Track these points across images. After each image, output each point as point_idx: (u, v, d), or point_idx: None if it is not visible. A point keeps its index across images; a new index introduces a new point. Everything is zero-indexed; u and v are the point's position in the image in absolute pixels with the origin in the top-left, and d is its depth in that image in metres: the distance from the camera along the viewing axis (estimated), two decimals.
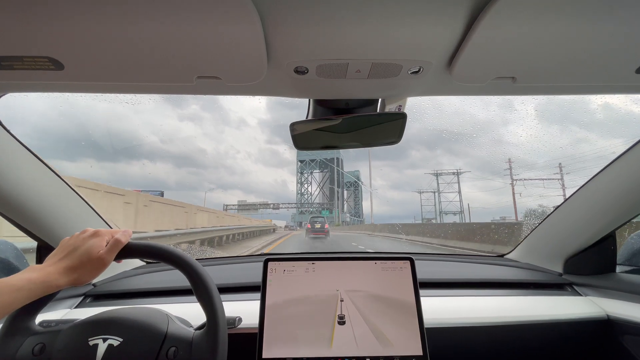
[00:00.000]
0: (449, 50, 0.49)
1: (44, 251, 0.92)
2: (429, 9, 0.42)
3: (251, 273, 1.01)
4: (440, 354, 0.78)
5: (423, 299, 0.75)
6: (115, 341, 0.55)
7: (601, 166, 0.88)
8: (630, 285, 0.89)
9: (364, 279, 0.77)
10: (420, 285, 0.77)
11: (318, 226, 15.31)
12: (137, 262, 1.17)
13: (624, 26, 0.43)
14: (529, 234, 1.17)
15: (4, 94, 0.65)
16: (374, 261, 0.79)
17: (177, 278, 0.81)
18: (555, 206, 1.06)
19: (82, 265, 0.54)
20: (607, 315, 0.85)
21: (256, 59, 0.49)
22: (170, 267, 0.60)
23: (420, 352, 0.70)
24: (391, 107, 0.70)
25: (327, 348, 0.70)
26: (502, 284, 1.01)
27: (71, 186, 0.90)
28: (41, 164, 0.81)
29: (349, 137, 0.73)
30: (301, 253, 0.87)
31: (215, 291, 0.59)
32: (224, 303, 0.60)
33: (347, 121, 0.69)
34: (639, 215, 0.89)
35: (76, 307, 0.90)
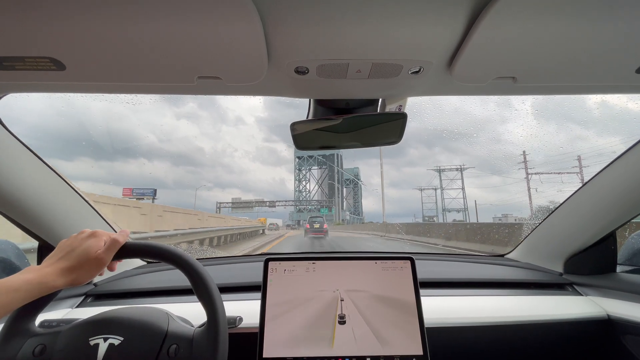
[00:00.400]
0: (449, 50, 0.49)
1: (45, 251, 0.92)
2: (429, 9, 0.42)
3: (252, 273, 1.01)
4: (440, 354, 0.78)
5: (423, 299, 0.75)
6: (116, 340, 0.55)
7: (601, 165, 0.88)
8: (631, 285, 0.89)
9: (364, 279, 0.77)
10: (421, 285, 0.77)
11: (317, 226, 15.46)
12: (137, 262, 1.17)
13: (624, 26, 0.43)
14: (529, 234, 1.17)
15: (5, 95, 0.65)
16: (374, 261, 0.79)
17: (177, 278, 0.81)
18: (555, 206, 1.06)
19: (80, 265, 0.54)
20: (608, 315, 0.85)
21: (256, 59, 0.49)
22: (171, 266, 0.60)
23: (420, 351, 0.70)
24: (391, 107, 0.70)
25: (328, 348, 0.70)
26: (503, 283, 1.01)
27: (72, 186, 0.90)
28: (42, 164, 0.81)
29: (349, 137, 0.73)
30: (302, 253, 0.87)
31: (215, 288, 0.59)
32: (224, 303, 0.60)
33: (348, 121, 0.69)
34: (639, 215, 0.89)
35: (77, 306, 0.90)
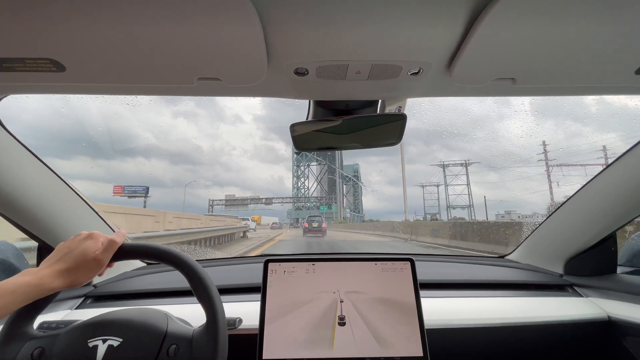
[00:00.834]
0: (448, 51, 0.49)
1: (44, 252, 0.92)
2: (429, 11, 0.42)
3: (251, 274, 1.01)
4: (440, 355, 0.78)
5: (423, 300, 0.75)
6: (115, 341, 0.55)
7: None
8: (631, 286, 0.89)
9: (364, 280, 0.77)
10: (421, 286, 0.77)
11: (315, 225, 15.55)
12: (137, 263, 1.17)
13: (623, 27, 0.43)
14: (529, 235, 1.17)
15: (5, 96, 0.65)
16: (374, 262, 0.79)
17: (177, 279, 0.81)
18: (556, 207, 1.06)
19: (78, 266, 0.54)
20: (608, 316, 0.85)
21: (256, 61, 0.49)
22: (170, 268, 0.60)
23: (420, 353, 0.70)
24: (391, 108, 0.70)
25: (327, 349, 0.70)
26: (503, 285, 1.01)
27: (72, 187, 0.90)
28: (42, 165, 0.81)
29: (349, 138, 0.73)
30: (301, 254, 0.87)
31: (214, 288, 0.59)
32: (224, 304, 0.60)
33: (347, 122, 0.69)
34: (639, 216, 0.89)
35: (77, 308, 0.90)
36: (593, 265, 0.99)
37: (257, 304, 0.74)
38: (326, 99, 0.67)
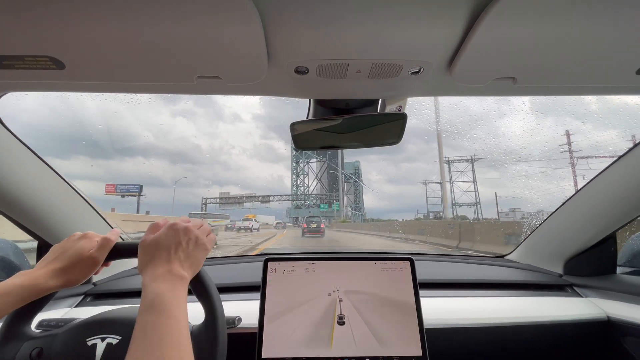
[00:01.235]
0: (449, 50, 0.49)
1: (44, 250, 0.91)
2: (430, 10, 0.42)
3: (251, 273, 1.01)
4: (439, 355, 0.78)
5: (423, 300, 0.75)
6: (113, 339, 0.55)
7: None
8: (631, 286, 0.89)
9: (364, 279, 0.77)
10: (420, 285, 0.77)
11: (314, 225, 15.96)
12: (137, 262, 1.17)
13: (624, 27, 0.43)
14: (529, 235, 1.17)
15: (4, 94, 0.65)
16: (374, 261, 0.79)
17: None
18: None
19: (73, 265, 0.54)
20: (608, 317, 0.85)
21: (257, 59, 0.49)
22: None
23: (419, 352, 0.70)
24: (391, 108, 0.70)
25: (326, 348, 0.70)
26: (502, 284, 1.01)
27: (72, 185, 0.90)
28: (42, 163, 0.81)
29: (349, 137, 0.73)
30: (301, 253, 0.87)
31: (212, 285, 0.59)
32: (223, 303, 0.60)
33: (348, 121, 0.69)
34: (639, 216, 0.89)
35: (76, 306, 0.90)
36: (593, 265, 0.99)
37: (257, 303, 0.74)
38: (326, 98, 0.66)
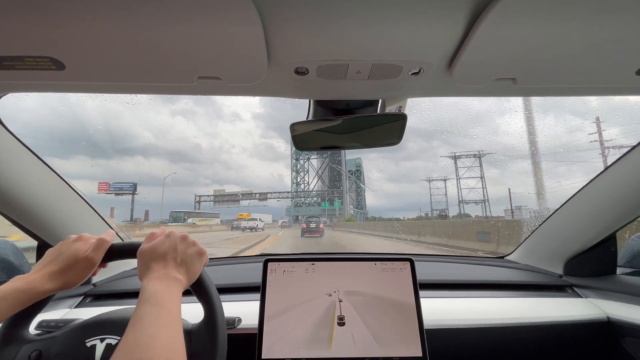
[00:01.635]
0: (449, 51, 0.49)
1: (44, 251, 0.91)
2: (430, 11, 0.42)
3: (251, 273, 1.01)
4: (439, 356, 0.78)
5: (423, 300, 0.75)
6: (113, 340, 0.55)
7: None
8: (631, 287, 0.89)
9: (364, 280, 0.77)
10: (420, 286, 0.77)
11: (313, 226, 16.30)
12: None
13: (623, 28, 0.43)
14: (529, 236, 1.17)
15: (5, 94, 0.65)
16: (373, 262, 0.79)
17: None
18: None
19: (69, 267, 0.53)
20: (608, 317, 0.85)
21: (257, 60, 0.49)
22: None
23: (419, 353, 0.70)
24: (391, 108, 0.70)
25: (326, 349, 0.70)
26: (503, 285, 1.01)
27: (72, 186, 0.90)
28: (42, 163, 0.81)
29: (349, 137, 0.73)
30: (301, 254, 0.87)
31: (211, 283, 0.59)
32: (223, 303, 0.60)
33: (348, 122, 0.69)
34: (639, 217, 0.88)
35: (76, 306, 0.90)
36: (593, 266, 0.99)
37: (257, 304, 0.74)
38: (326, 99, 0.66)
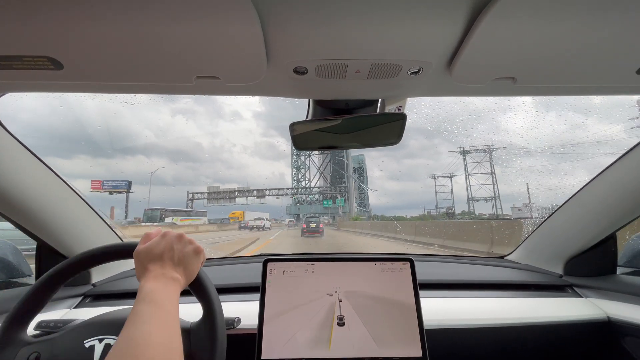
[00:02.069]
0: (448, 50, 0.48)
1: (43, 250, 0.91)
2: (429, 10, 0.41)
3: (250, 274, 1.01)
4: (439, 356, 0.77)
5: (423, 300, 0.75)
6: (111, 340, 0.55)
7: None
8: (631, 286, 0.89)
9: (363, 280, 0.77)
10: (420, 286, 0.77)
11: (313, 225, 16.47)
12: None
13: (624, 27, 0.43)
14: (529, 235, 1.17)
15: (3, 94, 0.64)
16: (373, 262, 0.79)
17: None
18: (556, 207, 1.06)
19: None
20: (608, 317, 0.85)
21: (256, 59, 0.49)
22: None
23: (419, 353, 0.70)
24: (391, 108, 0.70)
25: (325, 349, 0.70)
26: (503, 285, 1.01)
27: (71, 186, 0.90)
28: (41, 164, 0.81)
29: (348, 137, 0.73)
30: (301, 254, 0.87)
31: (210, 284, 0.59)
32: (223, 304, 0.60)
33: (347, 122, 0.69)
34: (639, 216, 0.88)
35: (75, 307, 0.90)
36: (593, 265, 0.99)
37: (256, 304, 0.74)
38: (326, 98, 0.66)
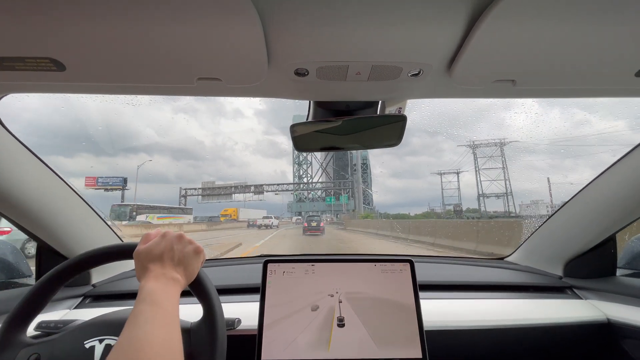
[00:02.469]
0: (448, 53, 0.49)
1: (43, 251, 0.91)
2: (429, 12, 0.42)
3: (251, 274, 1.01)
4: (439, 357, 0.77)
5: (423, 302, 0.75)
6: (112, 341, 0.55)
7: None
8: (631, 288, 0.89)
9: (363, 281, 0.77)
10: (420, 287, 0.77)
11: (314, 224, 16.64)
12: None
13: (623, 30, 0.43)
14: (529, 237, 1.17)
15: (5, 95, 0.65)
16: (373, 263, 0.79)
17: None
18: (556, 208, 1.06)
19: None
20: (608, 319, 0.85)
21: (257, 61, 0.49)
22: None
23: (419, 354, 0.69)
24: (391, 110, 0.70)
25: (324, 351, 0.70)
26: (502, 286, 1.01)
27: (71, 186, 0.90)
28: (42, 164, 0.81)
29: (349, 139, 0.73)
30: (301, 255, 0.87)
31: (210, 284, 0.59)
32: (223, 304, 0.60)
33: (348, 123, 0.69)
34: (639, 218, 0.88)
35: (75, 307, 0.90)
36: (592, 267, 0.99)
37: (256, 305, 0.74)
38: (326, 100, 0.67)
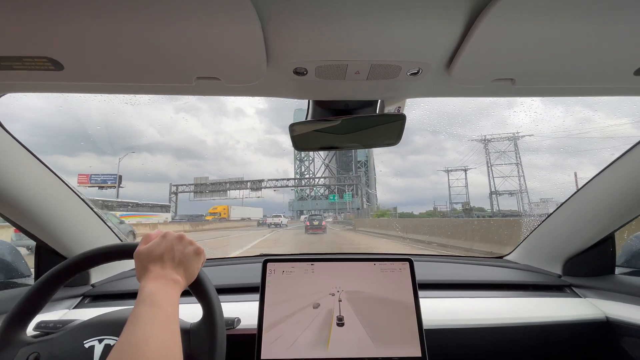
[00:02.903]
0: (447, 51, 0.49)
1: (42, 251, 0.91)
2: (428, 11, 0.42)
3: (250, 274, 1.01)
4: (438, 356, 0.78)
5: (422, 300, 0.75)
6: (111, 341, 0.55)
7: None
8: (629, 286, 0.89)
9: (363, 280, 0.77)
10: (420, 286, 0.77)
11: (316, 223, 16.91)
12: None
13: (622, 28, 0.43)
14: (528, 236, 1.17)
15: (3, 95, 0.64)
16: (373, 262, 0.79)
17: None
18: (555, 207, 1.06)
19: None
20: (606, 317, 0.85)
21: (256, 60, 0.49)
22: None
23: (419, 353, 0.70)
24: (390, 109, 0.70)
25: (323, 349, 0.70)
26: (501, 285, 1.01)
27: (70, 186, 0.90)
28: (41, 164, 0.81)
29: (348, 138, 0.73)
30: (300, 254, 0.87)
31: (210, 284, 0.59)
32: (222, 304, 0.60)
33: (347, 122, 0.69)
34: (638, 216, 0.89)
35: (75, 307, 0.90)
36: (591, 265, 1.00)
37: (256, 304, 0.74)
38: (325, 99, 0.66)
